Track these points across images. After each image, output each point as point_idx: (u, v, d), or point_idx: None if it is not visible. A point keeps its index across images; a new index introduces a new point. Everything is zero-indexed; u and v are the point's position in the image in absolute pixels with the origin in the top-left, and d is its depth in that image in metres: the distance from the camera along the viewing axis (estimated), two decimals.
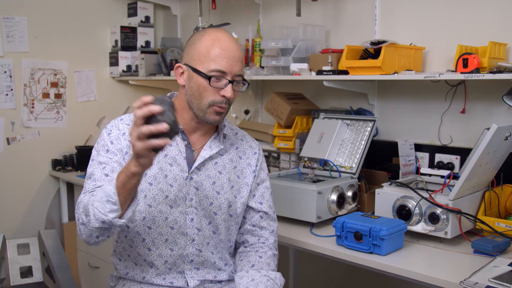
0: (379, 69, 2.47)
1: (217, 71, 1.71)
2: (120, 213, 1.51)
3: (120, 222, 1.51)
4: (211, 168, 1.84)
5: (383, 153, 2.74)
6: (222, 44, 1.73)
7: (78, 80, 4.00)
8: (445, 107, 2.64)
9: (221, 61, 1.71)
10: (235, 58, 1.74)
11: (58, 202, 3.98)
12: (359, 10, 2.98)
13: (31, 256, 3.58)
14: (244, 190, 1.90)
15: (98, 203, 1.51)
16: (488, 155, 2.01)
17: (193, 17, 3.84)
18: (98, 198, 1.51)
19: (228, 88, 1.73)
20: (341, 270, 3.16)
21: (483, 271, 1.76)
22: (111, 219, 1.50)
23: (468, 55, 2.21)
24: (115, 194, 1.48)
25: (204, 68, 1.72)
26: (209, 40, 1.74)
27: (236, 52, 1.75)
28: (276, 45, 2.96)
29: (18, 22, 3.68)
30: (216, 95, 1.73)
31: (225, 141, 1.89)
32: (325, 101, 3.20)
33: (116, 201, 1.48)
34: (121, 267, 1.86)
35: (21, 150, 3.77)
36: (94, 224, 1.53)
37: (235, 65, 1.73)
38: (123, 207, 1.51)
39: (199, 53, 1.74)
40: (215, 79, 1.71)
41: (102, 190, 1.52)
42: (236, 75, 1.74)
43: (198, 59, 1.74)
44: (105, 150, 1.76)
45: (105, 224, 1.52)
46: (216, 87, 1.72)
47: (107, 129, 1.80)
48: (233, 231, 1.91)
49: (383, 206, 2.21)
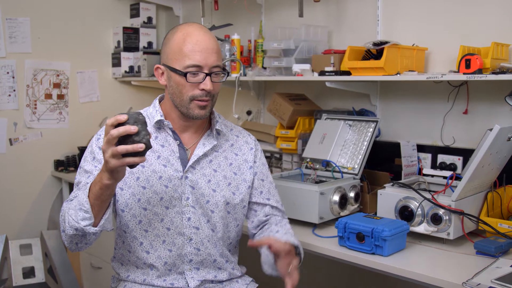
0: (381, 70, 2.47)
1: (192, 66, 1.71)
2: (93, 221, 1.57)
3: (92, 229, 1.58)
4: (205, 166, 1.84)
5: (386, 154, 2.74)
6: (193, 38, 1.73)
7: (80, 81, 4.01)
8: (447, 108, 2.64)
9: (195, 55, 1.71)
10: (208, 50, 1.73)
11: (61, 203, 3.97)
12: (362, 11, 2.98)
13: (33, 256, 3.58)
14: (242, 187, 1.90)
15: (72, 211, 1.58)
16: (490, 156, 2.01)
17: (195, 18, 3.84)
18: (73, 206, 1.59)
19: (206, 81, 1.73)
20: (344, 271, 3.16)
21: (485, 272, 1.76)
22: (83, 227, 1.56)
23: (471, 56, 2.21)
24: (87, 202, 1.54)
25: (179, 65, 1.73)
26: (181, 36, 1.74)
27: (209, 43, 1.74)
28: (278, 46, 2.96)
29: (21, 23, 3.68)
30: (195, 89, 1.74)
31: (219, 137, 1.89)
32: (328, 102, 3.20)
33: (88, 210, 1.54)
34: (122, 271, 1.86)
35: (24, 151, 3.77)
36: (68, 231, 1.61)
37: (210, 57, 1.73)
38: (97, 216, 1.57)
39: (173, 51, 1.75)
40: (192, 75, 1.72)
41: (77, 198, 1.60)
42: (213, 67, 1.74)
43: (173, 57, 1.75)
44: (92, 158, 1.79)
45: (78, 231, 1.59)
46: (194, 82, 1.73)
47: (97, 135, 1.84)
48: (232, 228, 1.91)
49: (385, 207, 2.21)
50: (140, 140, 1.41)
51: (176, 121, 1.83)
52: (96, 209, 1.56)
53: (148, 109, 1.89)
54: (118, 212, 1.80)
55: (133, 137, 1.41)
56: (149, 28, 4.20)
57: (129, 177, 1.77)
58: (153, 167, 1.78)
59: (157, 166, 1.79)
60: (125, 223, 1.79)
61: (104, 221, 1.59)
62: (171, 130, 1.82)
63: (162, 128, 1.83)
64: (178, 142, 1.82)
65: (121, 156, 1.40)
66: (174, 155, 1.80)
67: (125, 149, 1.39)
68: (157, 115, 1.82)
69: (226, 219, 1.87)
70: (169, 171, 1.79)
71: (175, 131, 1.83)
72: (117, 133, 1.38)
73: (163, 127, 1.83)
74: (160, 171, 1.78)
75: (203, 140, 1.85)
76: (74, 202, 1.61)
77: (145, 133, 1.42)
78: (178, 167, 1.80)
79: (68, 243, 1.68)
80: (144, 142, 1.41)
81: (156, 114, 1.82)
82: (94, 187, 1.53)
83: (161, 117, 1.81)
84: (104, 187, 1.50)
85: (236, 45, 3.22)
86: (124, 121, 1.40)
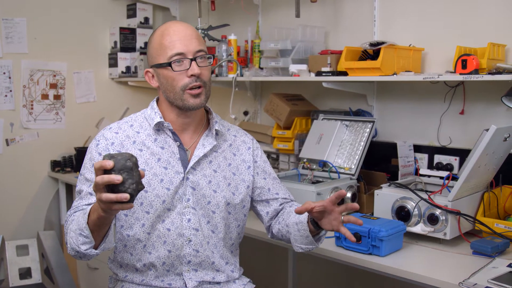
0: (378, 70, 2.47)
1: (175, 55, 1.73)
2: (93, 244, 1.58)
3: (93, 252, 1.60)
4: (206, 167, 1.83)
5: (382, 154, 2.74)
6: (171, 30, 1.75)
7: (77, 81, 4.00)
8: (444, 108, 2.64)
9: (175, 44, 1.73)
10: (187, 36, 1.74)
11: (57, 203, 3.98)
12: (358, 11, 2.99)
13: (30, 257, 3.58)
14: (241, 187, 1.90)
15: (73, 234, 1.60)
16: (487, 156, 2.01)
17: (192, 18, 3.84)
18: (74, 229, 1.60)
19: (193, 66, 1.73)
20: (340, 271, 3.16)
21: (482, 272, 1.76)
22: (84, 251, 1.58)
23: (467, 56, 2.21)
24: (86, 228, 1.55)
25: (163, 59, 1.75)
26: (159, 33, 1.77)
27: (187, 30, 1.76)
28: (275, 46, 2.96)
29: (17, 23, 3.68)
30: (184, 78, 1.74)
31: (217, 137, 1.88)
32: (324, 102, 3.20)
33: (88, 235, 1.56)
34: (120, 272, 1.86)
35: (20, 151, 3.76)
36: (70, 252, 1.64)
37: (191, 43, 1.74)
38: (97, 239, 1.59)
39: (155, 49, 1.77)
40: (177, 63, 1.73)
41: (77, 221, 1.60)
42: (196, 51, 1.74)
43: (156, 55, 1.77)
44: (91, 165, 1.78)
45: (79, 254, 1.61)
46: (181, 70, 1.73)
47: (95, 140, 1.83)
48: (233, 229, 1.90)
49: (382, 207, 2.22)
50: (125, 190, 1.38)
51: (175, 120, 1.82)
52: (96, 234, 1.57)
53: (146, 111, 1.88)
54: (121, 217, 1.79)
55: (118, 187, 1.38)
56: (146, 28, 4.19)
57: None
58: (154, 170, 1.78)
59: (158, 169, 1.78)
60: (129, 227, 1.79)
61: (105, 244, 1.61)
62: (171, 131, 1.82)
63: (162, 130, 1.82)
64: (178, 143, 1.82)
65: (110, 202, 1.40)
66: (175, 157, 1.80)
67: (109, 198, 1.38)
68: (156, 117, 1.81)
69: (227, 219, 1.87)
70: (170, 173, 1.78)
71: (175, 132, 1.82)
72: (102, 182, 1.38)
73: (162, 128, 1.82)
74: (161, 174, 1.78)
75: (202, 140, 1.85)
76: (74, 224, 1.62)
77: (131, 181, 1.38)
78: (179, 169, 1.79)
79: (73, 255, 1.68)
80: (129, 192, 1.38)
81: (155, 116, 1.81)
82: (93, 214, 1.53)
83: (161, 119, 1.80)
84: (101, 218, 1.51)
85: (233, 46, 3.23)
86: (109, 168, 1.37)
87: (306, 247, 1.80)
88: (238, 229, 1.93)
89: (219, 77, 3.27)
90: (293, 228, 1.80)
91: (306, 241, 1.78)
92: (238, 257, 1.97)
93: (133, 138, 1.81)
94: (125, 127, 1.84)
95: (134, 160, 1.41)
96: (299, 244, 1.80)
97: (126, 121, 1.87)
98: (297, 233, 1.78)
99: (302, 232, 1.76)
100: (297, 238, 1.79)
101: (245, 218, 1.95)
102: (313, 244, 1.78)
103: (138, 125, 1.85)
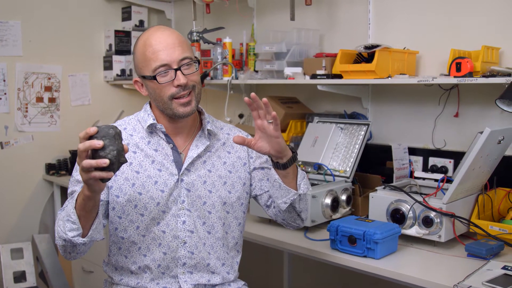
0: (372, 73, 2.48)
1: (159, 67, 1.70)
2: (80, 232, 1.57)
3: (80, 240, 1.58)
4: (200, 167, 1.83)
5: (377, 157, 2.75)
6: (152, 40, 1.72)
7: (72, 84, 3.99)
8: (438, 111, 2.65)
9: (158, 55, 1.70)
10: (169, 45, 1.71)
11: (52, 207, 3.96)
12: (353, 15, 2.99)
13: (24, 260, 3.57)
14: (237, 185, 1.89)
15: (61, 222, 1.60)
16: (481, 159, 2.02)
17: (187, 21, 3.84)
18: (61, 217, 1.61)
19: (178, 76, 1.71)
20: (336, 274, 3.16)
21: (476, 274, 1.77)
22: (71, 238, 1.57)
23: (461, 59, 2.22)
24: (73, 213, 1.54)
25: (148, 71, 1.73)
26: (142, 44, 1.75)
27: (169, 38, 1.72)
28: (270, 49, 2.96)
29: (11, 26, 3.67)
30: (171, 88, 1.72)
31: (210, 137, 1.88)
32: (319, 105, 3.21)
33: (75, 220, 1.55)
34: (116, 275, 1.86)
35: (15, 154, 3.75)
36: (58, 241, 1.63)
37: (174, 52, 1.71)
38: (85, 226, 1.58)
39: (139, 60, 1.76)
40: (162, 74, 1.71)
41: (66, 210, 1.60)
42: (180, 60, 1.72)
43: (141, 66, 1.75)
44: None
45: (67, 242, 1.60)
46: (166, 82, 1.72)
47: None
48: (234, 227, 1.89)
49: (377, 209, 2.22)
50: (105, 155, 1.39)
51: (167, 125, 1.82)
52: (83, 220, 1.56)
53: (139, 113, 1.88)
54: (115, 219, 1.79)
55: (99, 152, 1.39)
56: (141, 31, 4.18)
57: (124, 183, 1.77)
58: (148, 173, 1.78)
59: (152, 171, 1.78)
60: (123, 229, 1.79)
61: (92, 231, 1.59)
62: (164, 134, 1.82)
63: (155, 132, 1.82)
64: (172, 145, 1.82)
65: (90, 170, 1.40)
66: (169, 159, 1.80)
67: (88, 163, 1.38)
68: (149, 118, 1.81)
69: (226, 219, 1.86)
70: (165, 175, 1.78)
71: (168, 135, 1.82)
72: (83, 147, 1.38)
73: (155, 131, 1.82)
74: (156, 176, 1.78)
75: (196, 141, 1.85)
76: (63, 213, 1.62)
77: (112, 148, 1.39)
78: (173, 171, 1.79)
79: (62, 252, 1.69)
80: (109, 158, 1.39)
81: (148, 118, 1.81)
82: (79, 197, 1.53)
83: (154, 121, 1.80)
84: (86, 198, 1.50)
85: (228, 49, 3.23)
86: (93, 133, 1.39)
87: (287, 199, 1.77)
88: (240, 227, 1.92)
89: (214, 80, 3.27)
90: (270, 188, 1.80)
91: (282, 192, 1.76)
92: (238, 258, 1.95)
93: (127, 140, 1.81)
94: None
95: (118, 131, 1.43)
96: (281, 199, 1.78)
97: (120, 124, 1.87)
98: (273, 189, 1.78)
99: (276, 184, 1.76)
100: (277, 195, 1.78)
101: (245, 216, 1.94)
102: (289, 191, 1.75)
103: (131, 128, 1.85)
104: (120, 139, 1.43)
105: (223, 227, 1.85)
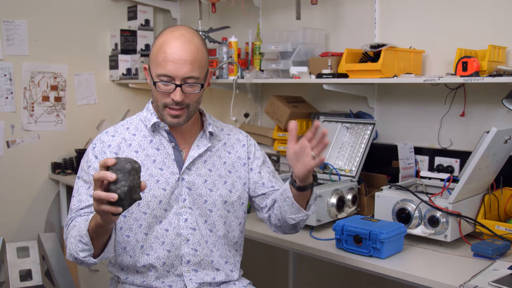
0: (378, 72, 2.47)
1: (163, 76, 1.69)
2: (92, 252, 1.59)
3: (91, 261, 1.61)
4: (201, 167, 1.84)
5: (383, 156, 2.74)
6: (169, 47, 1.69)
7: (78, 84, 4.00)
8: (444, 110, 2.64)
9: (166, 65, 1.68)
10: (181, 61, 1.68)
11: (58, 205, 3.98)
12: (359, 14, 2.99)
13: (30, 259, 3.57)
14: (238, 184, 1.90)
15: (73, 239, 1.62)
16: (487, 158, 2.01)
17: (193, 21, 3.84)
18: (74, 235, 1.62)
19: (176, 92, 1.70)
20: (341, 273, 3.16)
21: (482, 274, 1.76)
22: (82, 258, 1.59)
23: (468, 59, 2.21)
24: (86, 235, 1.56)
25: (154, 72, 1.73)
26: (160, 42, 1.72)
27: (183, 54, 1.69)
28: (276, 49, 2.96)
29: (18, 25, 3.68)
30: (167, 97, 1.72)
31: (211, 138, 1.89)
32: (325, 104, 3.20)
33: (88, 242, 1.57)
34: (122, 274, 1.87)
35: (21, 153, 3.76)
36: (68, 257, 1.65)
37: (182, 68, 1.68)
38: (97, 246, 1.60)
39: (152, 57, 1.75)
40: (163, 83, 1.70)
41: (78, 227, 1.62)
42: (186, 78, 1.70)
43: (151, 62, 1.75)
44: (87, 166, 1.80)
45: (77, 261, 1.62)
46: (164, 91, 1.72)
47: (92, 143, 1.85)
48: (235, 227, 1.90)
49: (382, 209, 2.22)
50: (115, 189, 1.37)
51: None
52: (95, 240, 1.58)
53: (141, 113, 1.89)
54: (120, 219, 1.80)
55: (111, 185, 1.37)
56: (147, 30, 4.20)
57: None
58: (150, 171, 1.79)
59: (154, 170, 1.79)
60: (128, 228, 1.80)
61: (104, 253, 1.62)
62: (167, 132, 1.82)
63: (157, 131, 1.83)
64: (173, 144, 1.83)
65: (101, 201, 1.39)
66: (170, 158, 1.81)
67: (97, 195, 1.38)
68: (152, 117, 1.82)
69: (227, 218, 1.87)
70: (166, 174, 1.79)
71: (171, 132, 1.83)
72: (97, 177, 1.38)
73: (157, 129, 1.83)
74: (157, 175, 1.79)
75: (197, 142, 1.86)
76: (75, 230, 1.63)
77: (124, 183, 1.37)
78: (174, 170, 1.80)
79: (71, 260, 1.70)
80: (118, 193, 1.37)
81: (151, 117, 1.82)
82: (92, 221, 1.55)
83: (157, 119, 1.81)
84: (98, 225, 1.52)
85: (233, 48, 3.23)
86: (111, 165, 1.38)
87: (296, 217, 1.79)
88: (240, 226, 1.93)
89: (219, 79, 3.27)
90: (280, 200, 1.81)
91: (293, 209, 1.78)
92: (240, 257, 1.97)
93: (130, 140, 1.82)
94: (121, 130, 1.86)
95: (136, 167, 1.40)
96: (290, 215, 1.80)
97: (122, 124, 1.88)
98: (284, 203, 1.79)
99: (288, 200, 1.77)
100: (286, 209, 1.79)
101: (245, 216, 1.95)
102: (300, 211, 1.77)
103: (134, 128, 1.86)
104: (137, 175, 1.41)
105: (224, 225, 1.87)
